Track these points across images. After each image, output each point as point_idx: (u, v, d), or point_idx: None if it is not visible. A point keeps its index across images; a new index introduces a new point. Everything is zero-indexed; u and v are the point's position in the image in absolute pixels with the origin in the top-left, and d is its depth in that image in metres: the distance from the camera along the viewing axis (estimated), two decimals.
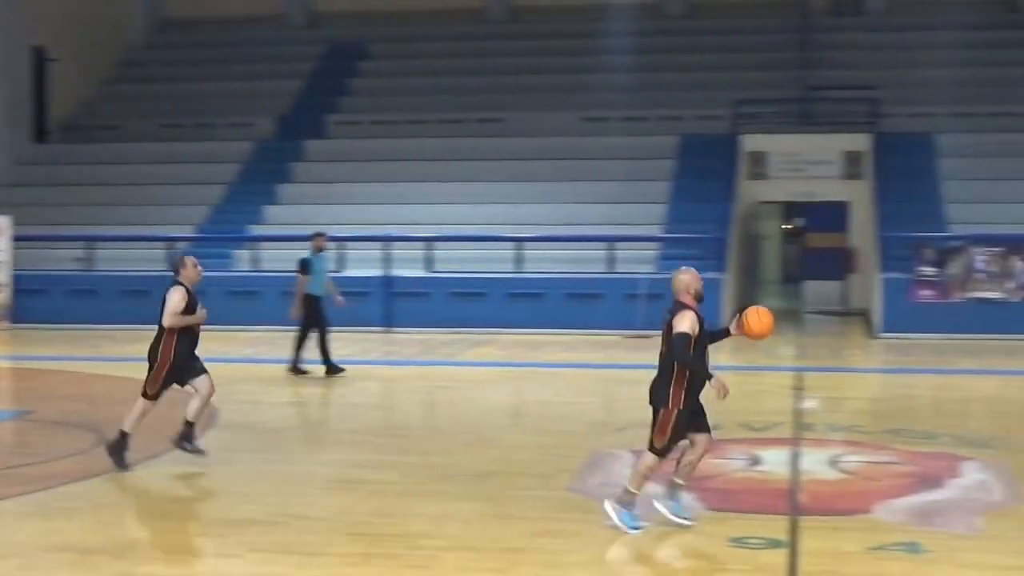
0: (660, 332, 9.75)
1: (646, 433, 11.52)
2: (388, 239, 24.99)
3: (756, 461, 12.38)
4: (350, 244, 25.09)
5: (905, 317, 23.50)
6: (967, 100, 29.02)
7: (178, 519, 10.39)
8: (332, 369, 18.24)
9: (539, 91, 31.35)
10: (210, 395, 11.98)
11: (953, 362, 20.49)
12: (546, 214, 26.66)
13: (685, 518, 9.75)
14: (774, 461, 12.35)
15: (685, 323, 9.52)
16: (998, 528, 9.85)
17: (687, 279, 9.76)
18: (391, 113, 31.27)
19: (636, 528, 9.61)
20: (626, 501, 9.72)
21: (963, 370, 19.72)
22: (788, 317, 29.09)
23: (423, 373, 19.41)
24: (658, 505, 9.88)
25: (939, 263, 23.46)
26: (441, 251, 25.40)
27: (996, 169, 26.86)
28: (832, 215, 29.04)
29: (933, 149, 27.73)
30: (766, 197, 30.17)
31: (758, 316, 9.92)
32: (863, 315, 27.10)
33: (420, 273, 24.95)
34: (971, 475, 11.70)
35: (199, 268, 12.17)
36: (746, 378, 19.14)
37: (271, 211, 28.32)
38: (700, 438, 9.84)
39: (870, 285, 26.19)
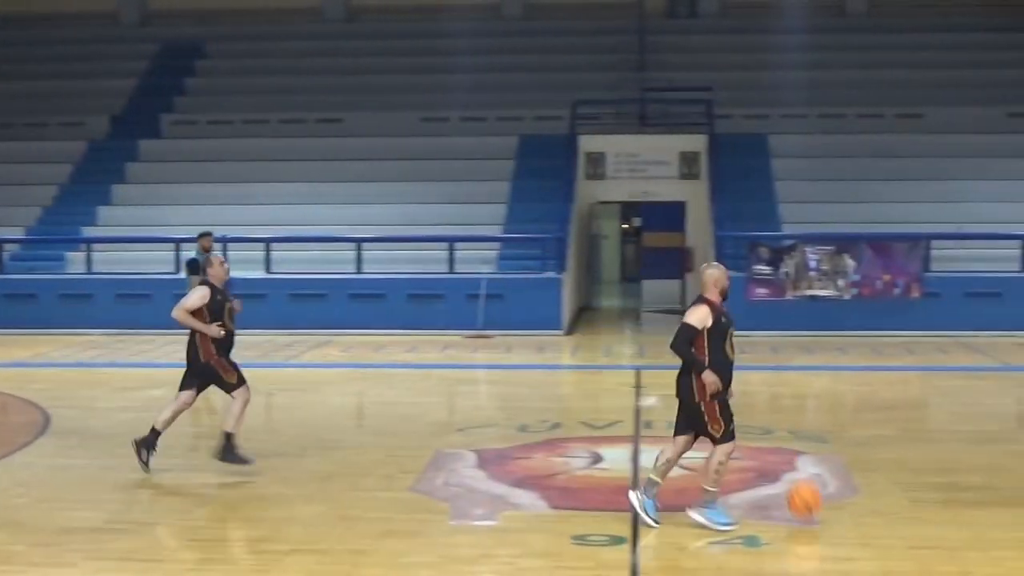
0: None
1: (488, 432, 11.60)
2: (225, 240, 24.67)
3: (597, 459, 12.49)
4: (185, 245, 24.70)
5: (741, 315, 23.69)
6: (799, 102, 29.64)
7: (10, 528, 10.11)
8: None
9: (378, 91, 31.23)
10: (189, 404, 12.04)
11: (788, 359, 20.90)
12: (387, 214, 26.57)
13: (654, 520, 9.71)
14: (615, 458, 12.47)
15: (694, 316, 9.81)
16: (832, 520, 10.07)
17: (716, 274, 10.12)
18: (229, 113, 30.87)
19: (729, 525, 9.65)
20: (708, 501, 9.78)
21: (797, 366, 20.13)
22: (627, 316, 29.42)
23: (263, 376, 19.13)
24: (632, 497, 9.86)
25: (773, 262, 23.90)
26: (281, 252, 25.16)
27: (827, 169, 27.48)
28: (669, 215, 29.43)
29: (766, 150, 28.27)
30: (605, 197, 30.45)
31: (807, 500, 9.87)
32: None
33: (259, 274, 24.67)
34: (806, 469, 11.95)
35: (226, 266, 12.15)
36: (586, 377, 19.32)
37: (105, 212, 27.75)
38: (686, 438, 9.95)
39: None
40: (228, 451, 11.76)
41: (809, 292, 23.78)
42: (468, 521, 10.18)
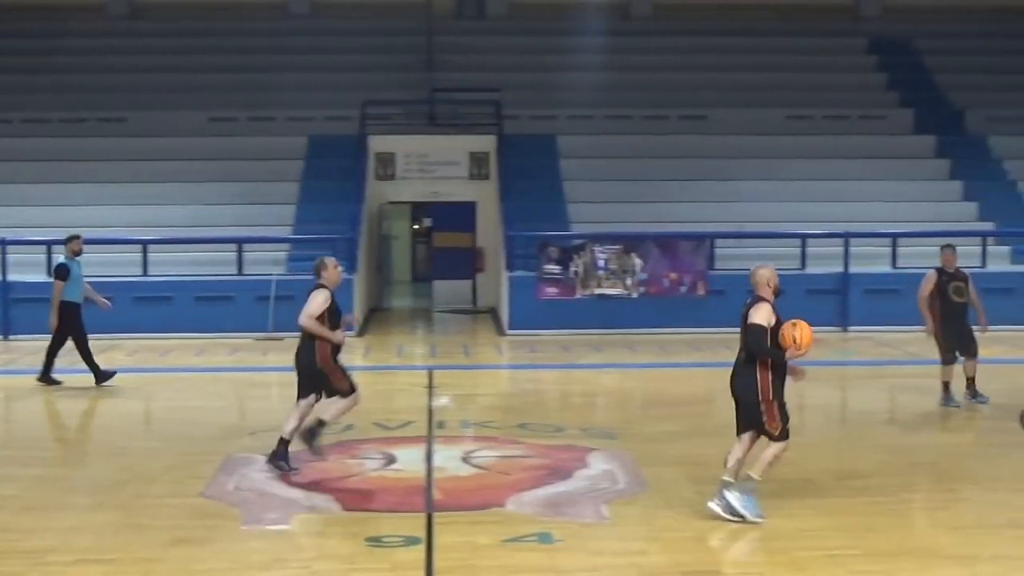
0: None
1: (278, 436, 11.47)
2: (4, 243, 23.92)
3: (391, 460, 12.47)
4: None
5: (531, 314, 24.13)
6: (586, 103, 30.04)
7: None
8: (103, 376, 17.62)
9: (163, 90, 30.61)
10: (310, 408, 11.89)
11: (578, 357, 21.16)
12: (174, 216, 26.08)
13: (757, 515, 9.94)
14: (408, 459, 12.46)
15: (760, 314, 10.08)
16: (623, 515, 10.25)
17: (767, 274, 10.35)
18: (8, 111, 29.91)
19: (760, 517, 9.87)
20: (749, 488, 9.96)
21: (587, 364, 20.41)
22: (419, 316, 29.44)
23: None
24: (719, 508, 9.97)
25: (562, 261, 24.18)
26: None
27: (614, 170, 27.91)
28: (460, 215, 29.55)
29: (555, 150, 28.59)
30: (395, 197, 30.41)
31: (798, 332, 10.12)
32: (492, 313, 27.71)
33: (40, 278, 23.94)
34: (597, 465, 12.12)
35: (340, 269, 12.09)
36: (379, 378, 19.25)
37: None
38: (747, 437, 10.21)
39: (497, 284, 26.81)
40: (312, 437, 11.72)
41: (598, 291, 24.12)
42: (260, 526, 10.05)
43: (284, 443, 11.82)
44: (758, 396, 10.09)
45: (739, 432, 10.30)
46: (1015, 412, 14.22)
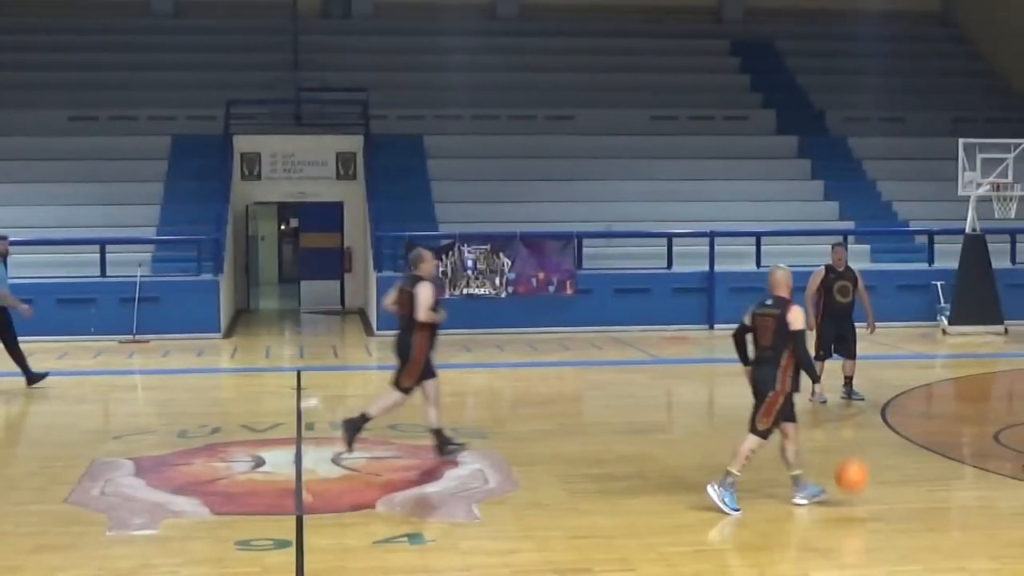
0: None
1: (147, 439, 11.32)
2: None
3: (260, 463, 12.34)
4: None
5: None
6: (453, 103, 30.05)
7: None
8: (34, 378, 17.33)
9: (22, 88, 29.97)
10: (439, 398, 12.41)
11: (447, 357, 21.00)
12: (34, 217, 25.55)
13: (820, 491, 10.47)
14: (278, 462, 12.35)
15: (799, 319, 10.39)
16: (495, 514, 10.26)
17: (784, 275, 10.63)
18: None
19: (737, 511, 10.04)
20: (728, 483, 10.15)
21: (457, 364, 20.36)
22: (286, 317, 29.20)
23: None
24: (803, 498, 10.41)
25: None
26: None
27: (482, 170, 27.96)
28: (327, 215, 29.38)
29: (422, 150, 28.55)
30: (261, 198, 30.12)
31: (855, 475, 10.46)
32: (360, 314, 27.58)
33: None
34: (468, 465, 12.12)
35: (436, 261, 11.92)
36: (246, 380, 19.08)
37: None
38: (789, 427, 10.49)
39: (365, 284, 26.68)
40: (352, 428, 12.16)
41: (466, 291, 24.13)
42: (127, 531, 9.88)
43: (438, 433, 12.36)
44: (776, 386, 10.37)
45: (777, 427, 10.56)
46: (877, 407, 14.56)
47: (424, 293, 12.10)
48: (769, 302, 10.60)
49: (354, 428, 12.17)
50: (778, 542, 9.69)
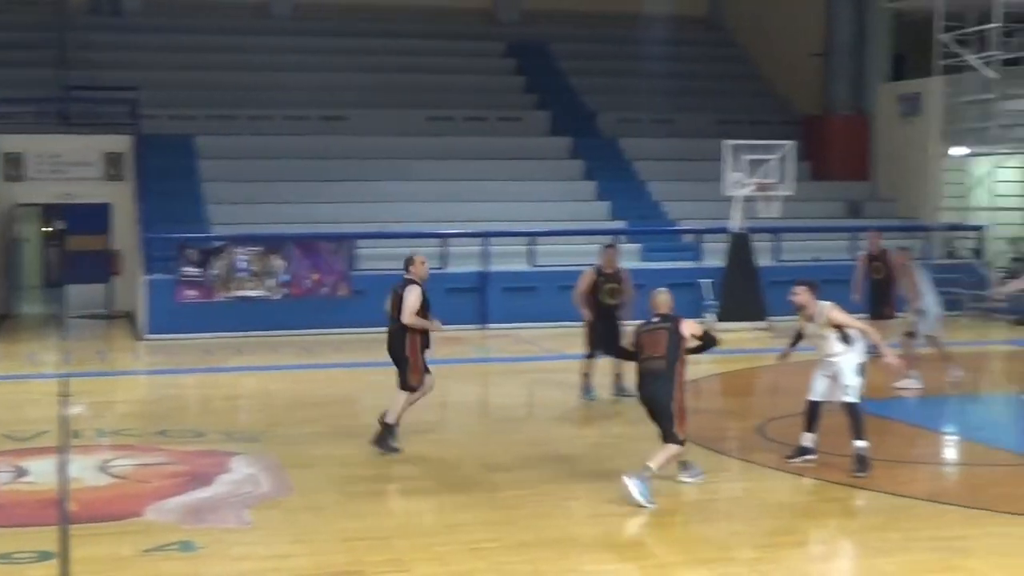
0: None
1: None
2: None
3: (22, 472, 11.96)
4: None
5: (171, 318, 23.56)
6: (226, 103, 29.58)
7: None
8: None
9: None
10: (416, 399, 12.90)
11: (220, 360, 20.81)
12: None
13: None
14: (41, 471, 11.97)
15: (694, 328, 11.16)
16: (267, 519, 10.15)
17: (666, 297, 11.20)
18: None
19: (652, 504, 10.42)
20: (647, 477, 10.56)
21: (229, 368, 20.10)
22: (51, 323, 28.36)
23: None
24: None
25: (202, 263, 23.72)
26: None
27: (255, 171, 27.59)
28: (94, 217, 28.57)
29: (194, 151, 28.03)
30: (25, 199, 29.15)
31: None
32: (128, 317, 26.94)
33: None
34: (240, 470, 11.96)
35: (427, 265, 13.04)
36: (9, 387, 18.46)
37: None
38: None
39: (135, 287, 26.07)
40: (384, 439, 12.66)
41: (239, 293, 23.78)
42: None
43: (387, 427, 12.77)
44: (672, 399, 10.82)
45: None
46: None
47: (410, 297, 12.67)
48: (656, 319, 11.09)
49: (385, 441, 12.61)
50: (552, 537, 9.78)
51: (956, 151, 27.22)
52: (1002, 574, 8.95)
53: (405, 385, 12.86)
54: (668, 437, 10.88)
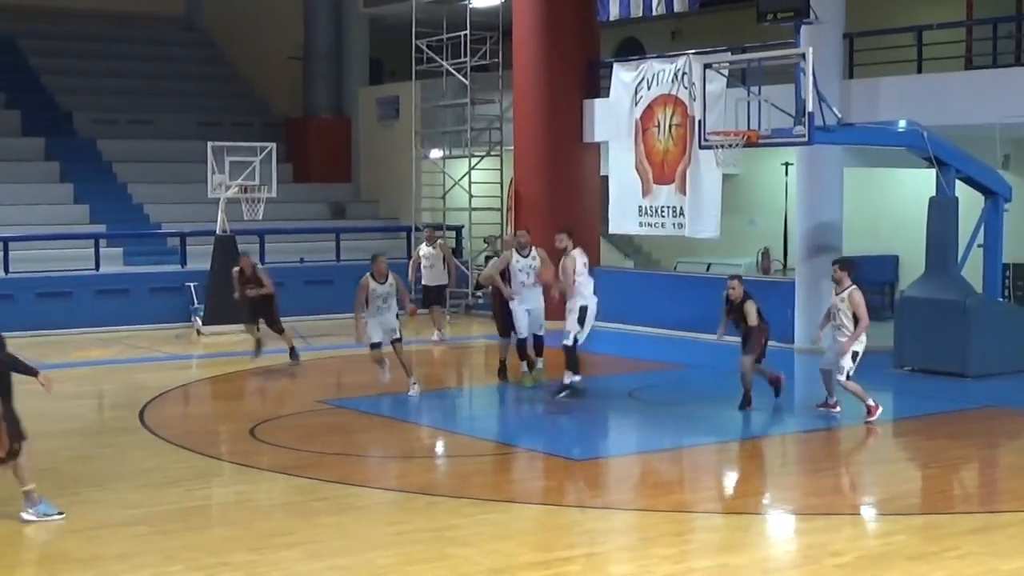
0: None
1: None
2: None
3: None
4: None
5: None
6: None
7: None
8: None
9: None
10: None
11: None
12: None
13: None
14: None
15: None
16: None
17: None
18: None
19: (61, 514, 10.20)
20: (36, 500, 10.17)
21: None
22: None
23: None
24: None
25: None
26: None
27: None
28: None
29: None
30: None
31: None
32: None
33: None
34: None
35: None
36: None
37: None
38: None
39: None
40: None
41: None
42: None
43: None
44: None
45: None
46: (135, 410, 14.46)
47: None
48: None
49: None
50: (39, 554, 9.33)
51: (433, 153, 28.07)
52: (493, 558, 9.27)
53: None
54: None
